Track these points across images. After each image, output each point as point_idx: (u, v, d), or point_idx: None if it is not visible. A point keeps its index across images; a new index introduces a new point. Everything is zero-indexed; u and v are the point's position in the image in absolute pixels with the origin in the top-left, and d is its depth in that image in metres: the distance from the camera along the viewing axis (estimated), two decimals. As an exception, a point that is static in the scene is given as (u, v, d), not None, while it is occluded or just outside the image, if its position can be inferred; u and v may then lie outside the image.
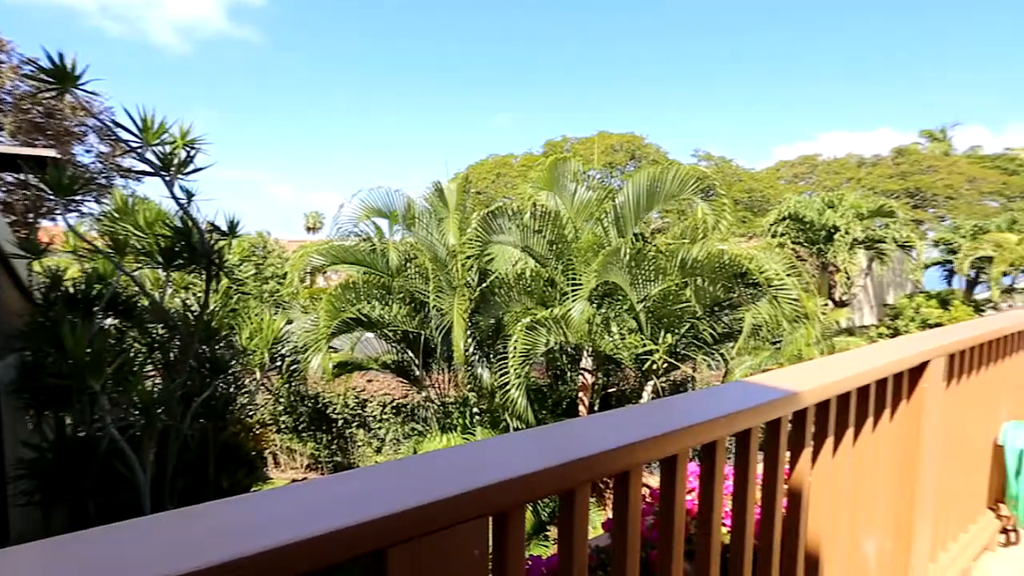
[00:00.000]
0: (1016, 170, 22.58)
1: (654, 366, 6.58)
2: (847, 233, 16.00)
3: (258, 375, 6.21)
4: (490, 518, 0.83)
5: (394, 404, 11.98)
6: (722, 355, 6.73)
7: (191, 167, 3.90)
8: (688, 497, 1.63)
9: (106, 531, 0.64)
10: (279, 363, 8.00)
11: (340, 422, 11.93)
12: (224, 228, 4.45)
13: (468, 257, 7.52)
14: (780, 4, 59.05)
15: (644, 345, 6.46)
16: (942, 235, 18.80)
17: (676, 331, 6.65)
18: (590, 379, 8.27)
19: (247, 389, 6.55)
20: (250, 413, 9.01)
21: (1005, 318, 3.07)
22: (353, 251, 8.62)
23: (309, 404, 11.80)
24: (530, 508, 7.53)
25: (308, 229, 46.71)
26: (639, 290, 6.61)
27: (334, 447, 11.96)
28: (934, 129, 26.74)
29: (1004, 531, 3.10)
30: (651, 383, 7.15)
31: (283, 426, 11.78)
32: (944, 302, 15.63)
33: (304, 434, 11.86)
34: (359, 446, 11.94)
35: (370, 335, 9.41)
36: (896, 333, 14.72)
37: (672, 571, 1.23)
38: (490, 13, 68.23)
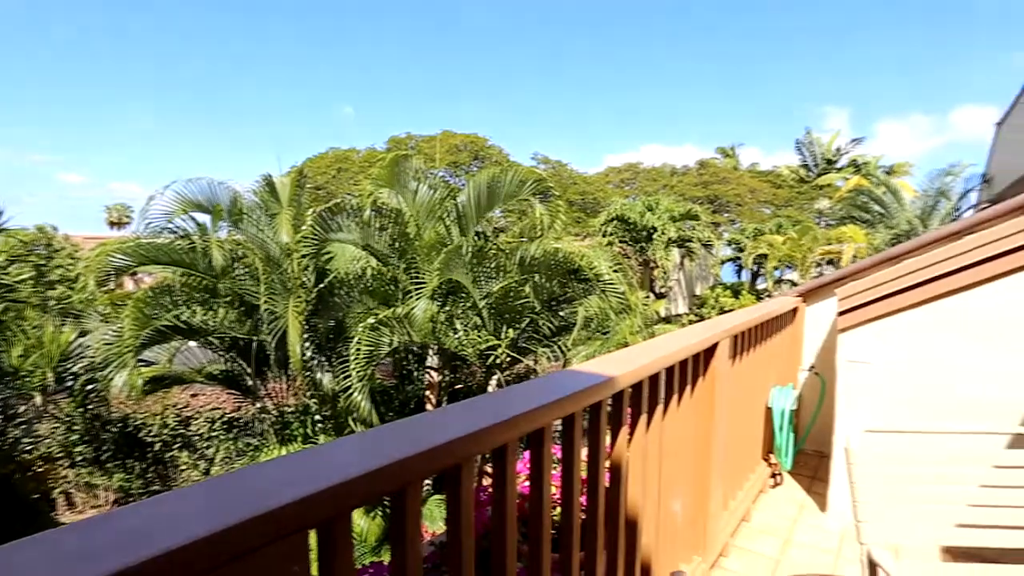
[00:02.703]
0: (781, 184, 27.80)
1: (498, 361, 6.82)
2: (663, 233, 18.18)
3: (39, 400, 5.18)
4: (312, 530, 0.80)
5: (224, 419, 10.83)
6: (560, 347, 7.20)
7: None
8: (528, 484, 1.72)
9: None
10: (70, 383, 6.71)
11: (158, 445, 10.44)
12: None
13: (304, 256, 7.07)
14: (603, 25, 65.29)
15: (488, 341, 6.66)
16: (733, 236, 22.32)
17: (517, 326, 6.96)
18: (437, 377, 8.28)
19: (22, 419, 5.39)
20: (28, 448, 7.41)
21: (771, 304, 3.73)
22: (168, 249, 7.57)
23: (115, 429, 10.13)
24: (380, 514, 7.34)
25: (112, 224, 39.74)
26: (481, 287, 6.79)
27: (151, 475, 10.42)
28: (726, 147, 31.67)
29: (773, 476, 3.80)
30: (496, 377, 7.40)
31: (79, 458, 9.95)
32: (736, 292, 18.51)
33: (109, 464, 10.15)
34: (183, 470, 10.57)
35: (193, 344, 8.38)
36: (702, 319, 17.05)
37: (507, 555, 1.28)
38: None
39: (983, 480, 1.97)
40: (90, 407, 9.72)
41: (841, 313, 3.28)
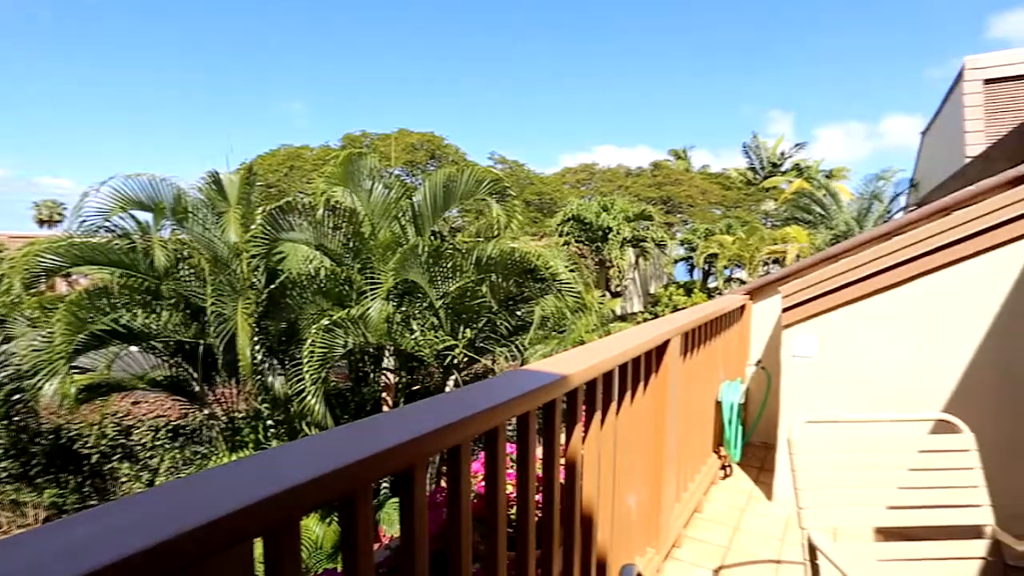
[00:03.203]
0: (730, 186, 28.84)
1: (455, 361, 6.79)
2: (618, 233, 18.52)
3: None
4: (258, 539, 0.78)
5: (170, 427, 10.34)
6: (517, 346, 7.23)
7: None
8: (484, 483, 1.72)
9: None
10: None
11: (95, 457, 9.87)
12: None
13: (254, 256, 6.84)
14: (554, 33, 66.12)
15: (445, 341, 6.62)
16: (685, 236, 22.97)
17: (475, 326, 6.95)
18: (393, 379, 8.17)
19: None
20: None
21: (720, 302, 3.86)
22: (105, 249, 7.17)
23: (46, 441, 9.52)
24: (336, 520, 7.18)
25: (41, 222, 37.39)
26: (438, 287, 6.75)
27: (87, 489, 9.83)
28: (679, 149, 32.56)
29: (723, 467, 3.93)
30: (453, 378, 7.37)
31: (4, 475, 9.30)
32: (688, 290, 19.04)
33: (40, 480, 9.52)
34: (124, 482, 10.03)
35: (134, 349, 7.97)
36: (656, 317, 17.45)
37: (462, 555, 1.28)
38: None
39: (911, 464, 2.10)
40: (16, 419, 9.12)
41: (785, 310, 3.43)
